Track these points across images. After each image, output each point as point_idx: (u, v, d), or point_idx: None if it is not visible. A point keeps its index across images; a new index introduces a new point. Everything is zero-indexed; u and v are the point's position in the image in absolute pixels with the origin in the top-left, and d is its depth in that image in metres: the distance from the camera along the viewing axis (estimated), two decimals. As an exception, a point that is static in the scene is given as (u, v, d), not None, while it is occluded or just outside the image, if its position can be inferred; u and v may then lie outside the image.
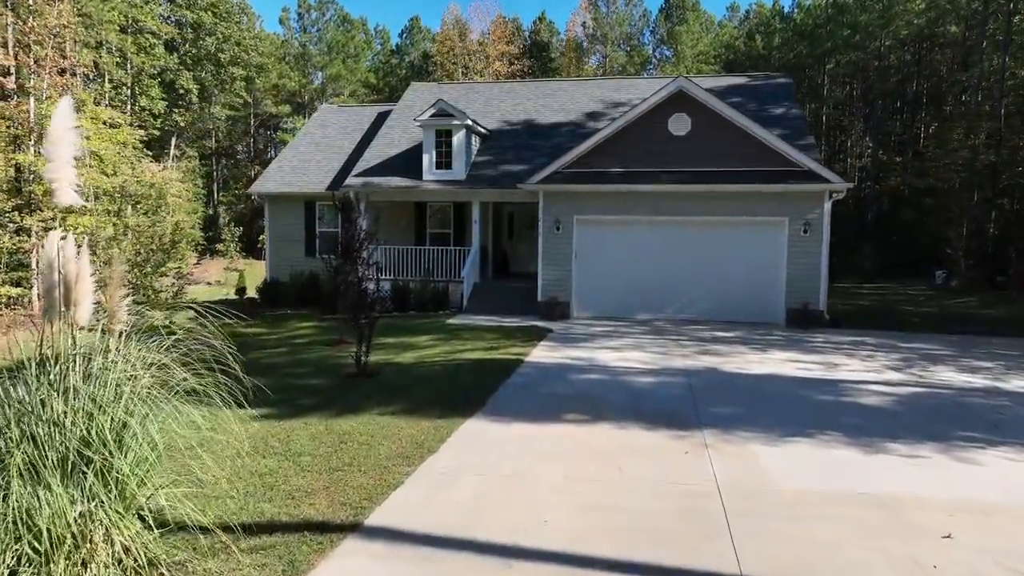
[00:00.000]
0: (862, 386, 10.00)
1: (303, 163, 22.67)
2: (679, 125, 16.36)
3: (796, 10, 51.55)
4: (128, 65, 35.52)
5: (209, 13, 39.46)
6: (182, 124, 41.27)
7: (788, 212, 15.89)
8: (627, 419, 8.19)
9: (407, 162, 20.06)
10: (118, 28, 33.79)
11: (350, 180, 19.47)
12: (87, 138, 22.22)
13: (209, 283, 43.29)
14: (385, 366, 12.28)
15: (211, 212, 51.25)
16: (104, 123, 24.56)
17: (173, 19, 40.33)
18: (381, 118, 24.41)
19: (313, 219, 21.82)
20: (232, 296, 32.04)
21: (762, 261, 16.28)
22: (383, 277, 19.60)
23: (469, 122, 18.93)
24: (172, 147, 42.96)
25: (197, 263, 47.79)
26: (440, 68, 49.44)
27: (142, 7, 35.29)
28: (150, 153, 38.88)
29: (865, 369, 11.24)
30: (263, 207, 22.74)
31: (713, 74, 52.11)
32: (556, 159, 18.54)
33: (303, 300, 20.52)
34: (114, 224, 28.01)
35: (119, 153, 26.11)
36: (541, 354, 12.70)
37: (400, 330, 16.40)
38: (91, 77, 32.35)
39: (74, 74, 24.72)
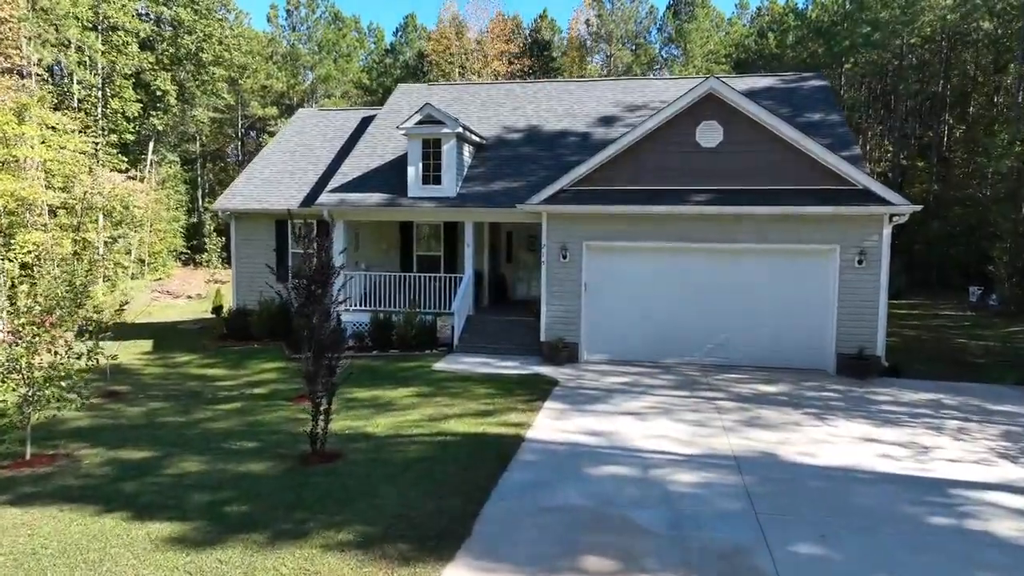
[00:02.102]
0: (979, 494, 7.42)
1: (276, 175, 20.10)
2: (709, 135, 13.79)
3: (811, 6, 48.93)
4: (98, 65, 32.96)
5: (188, 10, 36.89)
6: (160, 128, 38.66)
7: (840, 239, 13.33)
8: (673, 569, 5.66)
9: (391, 175, 17.49)
10: (84, 25, 31.22)
11: (323, 197, 16.89)
12: (31, 147, 19.65)
13: (190, 296, 40.73)
14: (351, 440, 9.79)
15: (195, 220, 48.69)
16: (53, 129, 21.95)
17: (152, 16, 37.82)
18: (365, 123, 21.85)
19: (285, 239, 19.25)
20: (209, 314, 29.58)
21: (807, 296, 13.72)
22: (361, 308, 17.06)
23: (460, 130, 16.36)
24: (150, 152, 40.35)
25: (193, 262, 45.35)
26: (436, 68, 46.86)
27: (113, 2, 32.68)
28: (125, 159, 36.37)
29: (968, 456, 8.66)
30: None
31: (733, 74, 49.57)
32: (562, 174, 15.96)
33: (273, 331, 17.96)
34: (73, 240, 25.49)
35: (77, 162, 23.55)
36: (546, 424, 10.13)
37: (377, 377, 13.84)
38: (46, 79, 29.82)
39: (24, 75, 22.15)
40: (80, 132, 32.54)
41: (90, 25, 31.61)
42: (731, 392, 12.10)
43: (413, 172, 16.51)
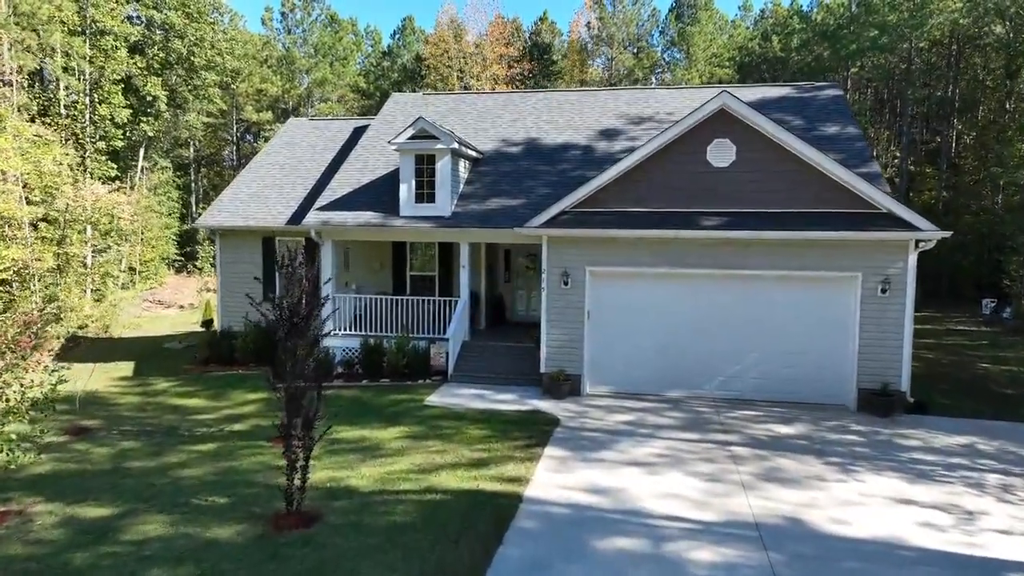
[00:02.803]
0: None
1: (263, 189, 19.18)
2: (721, 153, 12.87)
3: (816, 9, 48.00)
4: (85, 71, 31.98)
5: (179, 13, 35.87)
6: (151, 134, 37.66)
7: (862, 266, 12.41)
8: None
9: (383, 191, 16.57)
10: (70, 29, 30.24)
11: (310, 216, 15.97)
12: (6, 159, 18.71)
13: (182, 306, 39.84)
14: (332, 496, 8.92)
15: (188, 226, 47.72)
16: (35, 140, 20.97)
17: (143, 19, 36.84)
18: (358, 133, 20.94)
19: (273, 257, 18.32)
20: (199, 327, 28.66)
21: (826, 327, 12.80)
22: (351, 332, 16.15)
23: (456, 145, 15.44)
24: (141, 158, 39.38)
25: (186, 269, 44.42)
26: (433, 72, 45.90)
27: (100, 6, 31.66)
28: (115, 166, 35.39)
29: (1020, 527, 7.74)
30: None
31: (742, 84, 48.61)
32: (564, 191, 15.12)
33: (258, 356, 17.04)
34: (55, 254, 24.56)
35: (59, 174, 22.60)
36: (547, 478, 9.21)
37: (366, 412, 12.94)
38: (31, 84, 28.88)
39: (4, 83, 21.23)
40: (67, 141, 31.76)
41: (78, 29, 30.69)
42: (746, 434, 11.18)
43: (405, 190, 15.59)
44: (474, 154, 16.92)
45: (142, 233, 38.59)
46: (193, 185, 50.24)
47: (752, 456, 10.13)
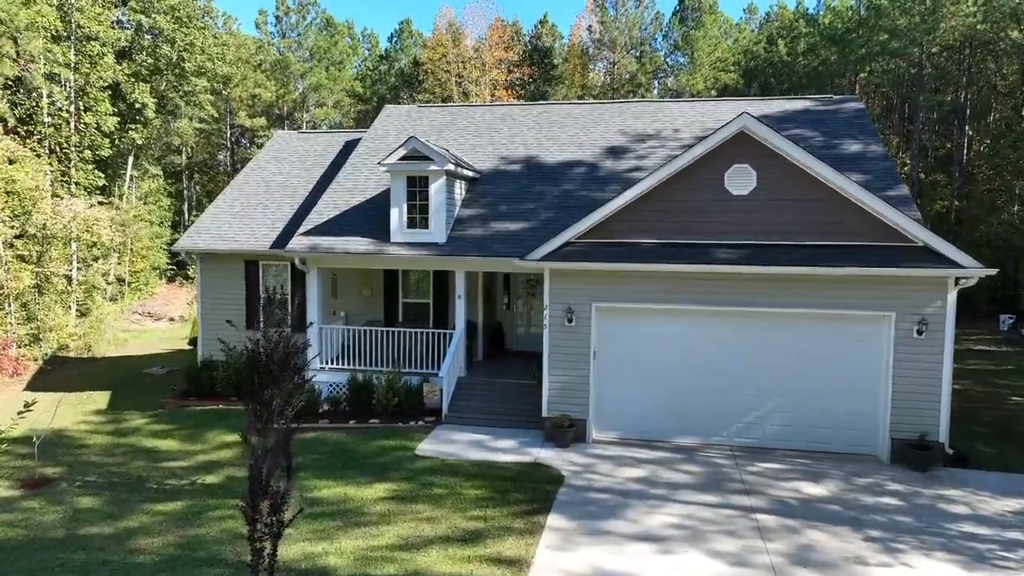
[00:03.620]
0: None
1: (247, 209, 18.05)
2: (740, 180, 11.75)
3: (823, 12, 46.86)
4: (70, 78, 30.87)
5: (168, 17, 34.74)
6: (140, 142, 36.52)
7: (895, 304, 11.29)
8: None
9: (373, 215, 15.45)
10: (53, 35, 29.14)
11: (295, 242, 14.85)
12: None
13: (172, 319, 38.75)
14: (297, 597, 7.77)
15: (180, 234, 46.61)
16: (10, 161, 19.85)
17: (131, 24, 35.72)
18: (349, 148, 19.82)
19: (256, 282, 17.21)
20: (186, 344, 27.52)
21: (856, 370, 11.68)
22: (339, 366, 15.05)
23: (451, 166, 14.32)
24: (129, 167, 38.24)
25: (178, 278, 43.19)
26: (431, 77, 44.76)
27: (85, 10, 30.54)
28: (102, 175, 34.29)
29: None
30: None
31: (758, 97, 47.50)
32: (567, 219, 14.04)
33: (240, 389, 15.87)
34: (33, 273, 23.44)
35: (36, 187, 21.48)
36: (548, 562, 8.09)
37: (349, 462, 11.83)
38: (12, 92, 27.74)
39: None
40: (50, 152, 30.65)
41: (63, 35, 29.59)
42: (771, 496, 10.06)
43: (396, 214, 14.47)
44: (471, 174, 15.80)
45: (131, 244, 37.51)
46: (186, 192, 49.10)
47: (780, 528, 9.01)
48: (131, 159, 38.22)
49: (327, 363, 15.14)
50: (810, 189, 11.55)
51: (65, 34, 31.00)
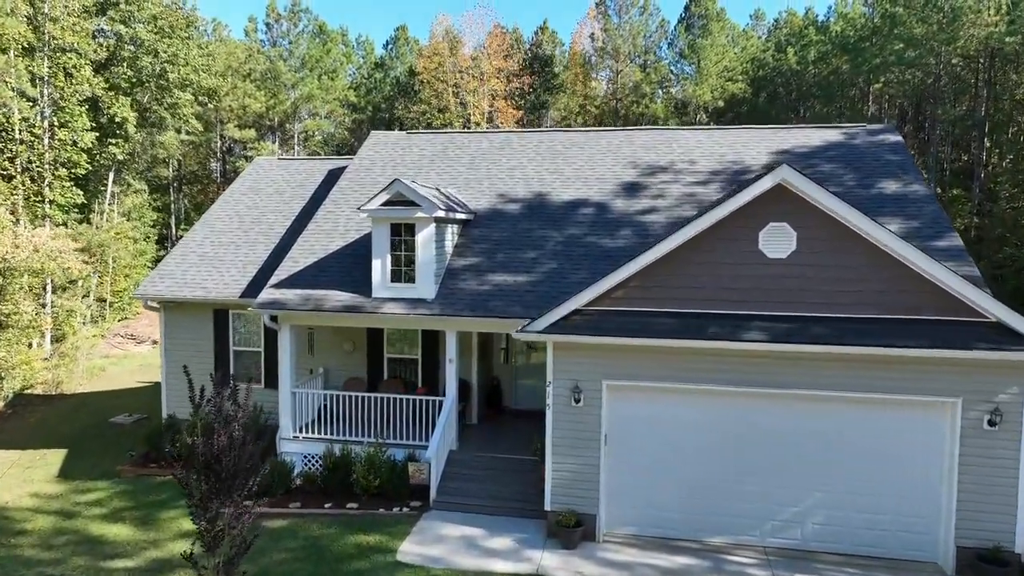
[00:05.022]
0: None
1: (218, 249, 16.32)
2: (777, 241, 10.03)
3: (834, 19, 45.15)
4: (44, 92, 29.17)
5: (149, 27, 32.99)
6: (120, 157, 34.77)
7: (961, 390, 9.58)
8: None
9: (354, 262, 13.74)
10: (25, 46, 27.42)
11: (265, 295, 13.12)
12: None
13: (155, 341, 36.98)
14: None
15: (167, 251, 44.87)
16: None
17: (112, 34, 34.02)
18: (332, 177, 18.11)
19: (226, 333, 15.50)
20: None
21: (910, 464, 9.97)
22: (314, 435, 13.34)
23: (441, 212, 12.60)
24: (110, 183, 36.47)
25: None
26: (427, 87, 43.01)
27: (59, 20, 28.82)
28: (80, 192, 32.54)
29: None
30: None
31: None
32: (574, 266, 12.41)
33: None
34: (-8, 307, 21.71)
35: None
36: None
37: (320, 567, 10.10)
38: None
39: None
40: (23, 172, 28.92)
41: (38, 46, 27.91)
42: (822, 634, 8.34)
43: (379, 266, 12.74)
44: (464, 215, 14.08)
45: (111, 263, 35.79)
46: (173, 206, 47.36)
47: None
48: (112, 175, 36.47)
49: (300, 431, 13.42)
50: (862, 254, 9.83)
51: (40, 45, 29.33)
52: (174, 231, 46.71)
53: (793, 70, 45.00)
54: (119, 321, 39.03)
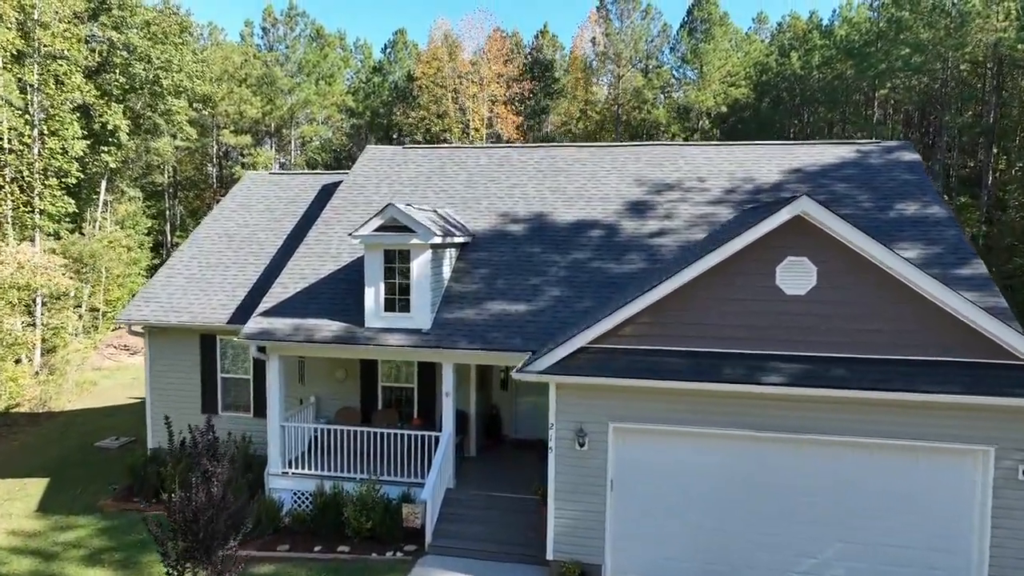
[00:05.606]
0: None
1: (205, 271, 15.68)
2: (796, 276, 9.39)
3: (839, 23, 44.52)
4: (34, 101, 28.54)
5: (142, 34, 32.33)
6: (113, 165, 34.11)
7: (994, 438, 8.96)
8: None
9: (346, 288, 13.10)
10: (13, 53, 26.79)
11: (251, 324, 12.48)
12: None
13: (149, 353, 36.28)
14: None
15: (162, 259, 44.23)
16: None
17: (104, 40, 33.35)
18: (326, 193, 17.48)
19: (213, 360, 14.86)
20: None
21: (938, 514, 9.34)
22: (304, 471, 12.69)
23: (437, 238, 11.95)
24: (103, 191, 35.84)
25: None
26: (426, 92, 42.35)
27: (50, 26, 28.18)
28: (72, 201, 31.86)
29: None
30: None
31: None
32: (580, 294, 11.78)
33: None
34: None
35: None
36: None
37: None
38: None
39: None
40: (12, 181, 28.23)
41: (27, 53, 27.28)
42: None
43: (372, 295, 12.10)
44: (462, 238, 13.44)
45: (104, 273, 35.12)
46: (168, 212, 46.70)
47: None
48: (104, 183, 35.82)
49: (290, 466, 12.77)
50: (886, 291, 9.19)
51: (29, 52, 28.70)
52: (169, 238, 46.07)
53: (797, 75, 44.37)
54: (112, 331, 38.35)
